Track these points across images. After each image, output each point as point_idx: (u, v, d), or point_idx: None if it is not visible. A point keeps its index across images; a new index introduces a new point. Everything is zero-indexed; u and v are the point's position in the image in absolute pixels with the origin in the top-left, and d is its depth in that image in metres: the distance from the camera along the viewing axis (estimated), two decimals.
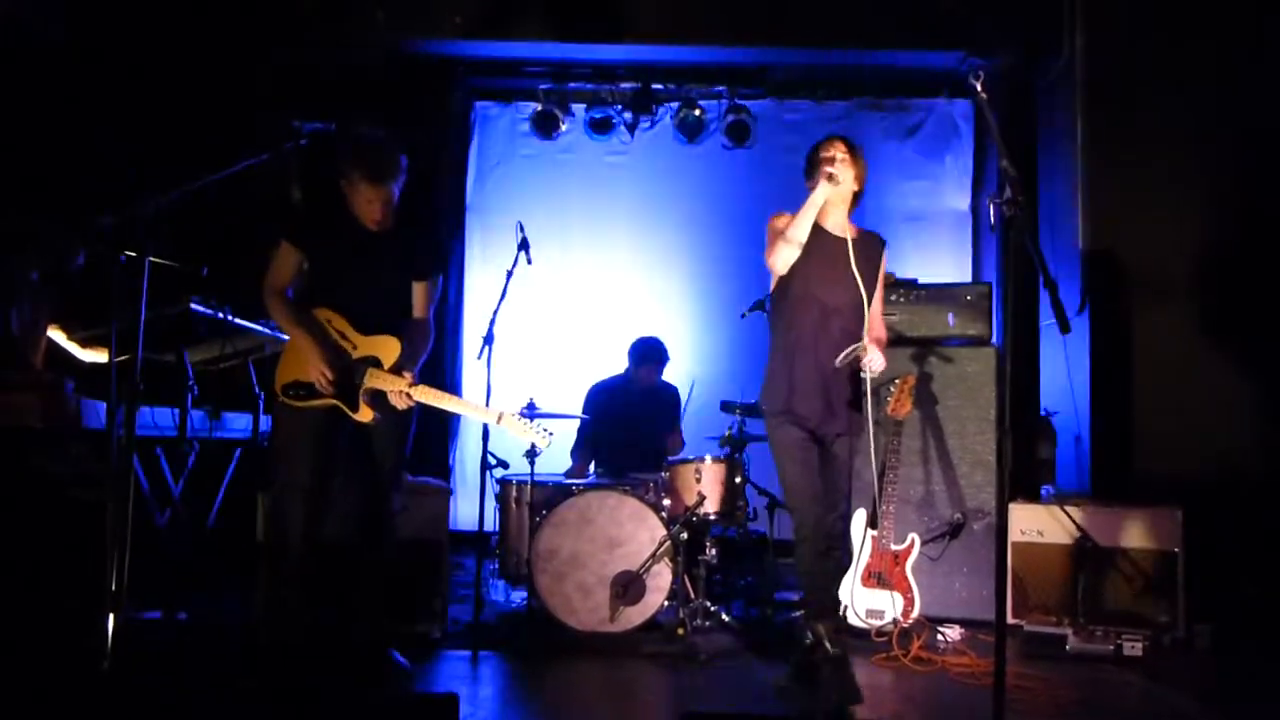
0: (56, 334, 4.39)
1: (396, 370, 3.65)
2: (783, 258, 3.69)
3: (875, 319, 3.85)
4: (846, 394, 3.78)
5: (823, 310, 3.74)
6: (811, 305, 3.74)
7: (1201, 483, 4.98)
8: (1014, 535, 4.59)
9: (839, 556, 3.89)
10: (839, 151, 3.76)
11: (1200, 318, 5.36)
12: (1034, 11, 5.86)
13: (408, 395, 3.62)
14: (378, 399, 3.65)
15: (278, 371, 3.68)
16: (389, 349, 3.68)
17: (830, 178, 3.67)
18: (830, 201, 3.74)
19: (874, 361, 3.70)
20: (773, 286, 3.87)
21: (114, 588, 2.96)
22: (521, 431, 3.79)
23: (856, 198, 3.84)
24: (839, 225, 3.81)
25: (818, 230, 3.72)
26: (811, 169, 3.81)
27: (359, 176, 3.57)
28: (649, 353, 5.70)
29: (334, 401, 3.61)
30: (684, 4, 5.99)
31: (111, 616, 2.98)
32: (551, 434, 3.86)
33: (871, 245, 3.88)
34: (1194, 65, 5.45)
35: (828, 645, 3.66)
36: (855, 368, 3.74)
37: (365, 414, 3.63)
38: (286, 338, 3.92)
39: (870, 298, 3.78)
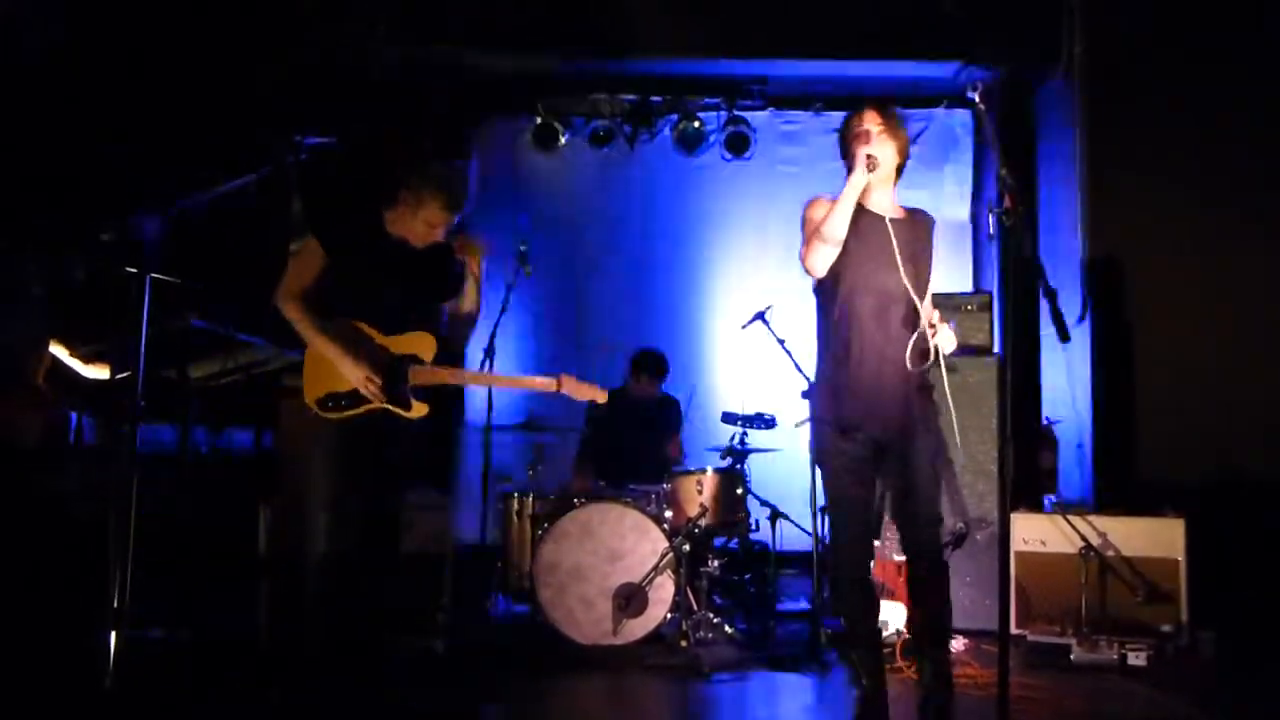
0: (59, 350, 4.40)
1: (440, 363, 3.63)
2: (821, 258, 3.28)
3: (929, 302, 3.46)
4: (914, 390, 3.35)
5: (880, 301, 3.31)
6: (867, 297, 3.30)
7: (1204, 489, 4.98)
8: (1017, 545, 4.58)
9: (936, 573, 3.36)
10: (874, 124, 3.31)
11: (1201, 324, 5.36)
12: (1032, 20, 5.87)
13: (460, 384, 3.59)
14: (424, 393, 3.62)
15: (306, 387, 3.55)
16: (426, 344, 3.61)
17: (870, 162, 3.23)
18: (872, 181, 3.31)
19: (945, 341, 3.34)
20: (815, 281, 3.43)
21: (116, 605, 2.95)
22: (583, 392, 3.78)
23: (900, 169, 3.40)
24: (885, 204, 3.40)
25: (862, 213, 3.32)
26: (846, 147, 3.38)
27: (436, 203, 3.51)
28: (647, 363, 5.69)
29: (381, 406, 3.52)
30: (682, 17, 6.00)
31: (114, 634, 2.97)
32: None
33: (922, 223, 3.47)
34: (1194, 71, 5.46)
35: (862, 681, 3.33)
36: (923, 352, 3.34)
37: (420, 409, 3.60)
38: (290, 352, 3.88)
39: (929, 280, 3.40)
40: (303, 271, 3.56)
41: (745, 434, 5.09)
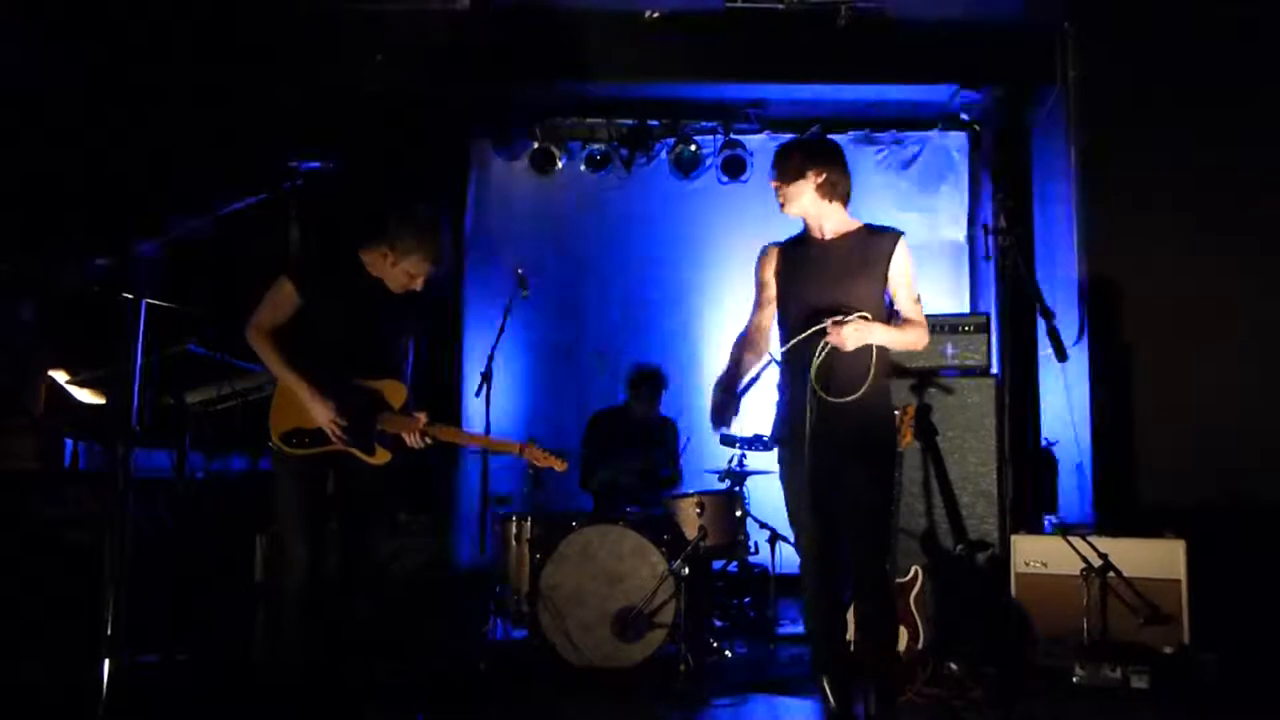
0: (59, 375, 4.39)
1: (406, 411, 3.62)
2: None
3: (908, 314, 3.40)
4: (850, 412, 3.28)
5: (808, 323, 3.31)
6: (798, 320, 3.36)
7: (1205, 509, 4.95)
8: (1018, 566, 4.56)
9: (877, 606, 3.40)
10: (773, 184, 3.44)
11: (1200, 344, 5.35)
12: (1026, 43, 5.90)
13: (425, 435, 3.59)
14: (389, 440, 3.62)
15: (272, 420, 3.55)
16: (395, 391, 3.63)
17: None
18: (812, 212, 3.41)
19: (835, 335, 3.24)
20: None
21: (110, 631, 2.93)
22: (543, 460, 3.77)
23: (844, 194, 3.42)
24: (833, 228, 3.43)
25: (808, 242, 3.44)
26: None
27: (419, 255, 3.52)
28: (644, 378, 5.72)
29: (344, 448, 3.54)
30: (678, 40, 6.04)
31: (107, 660, 2.95)
32: (582, 450, 3.85)
33: (875, 242, 3.42)
34: (1187, 91, 5.48)
35: (831, 702, 3.33)
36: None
37: (382, 456, 3.60)
38: None
39: (878, 298, 3.37)
40: (276, 309, 3.54)
41: (744, 456, 5.08)
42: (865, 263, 3.38)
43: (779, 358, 3.55)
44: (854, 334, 3.23)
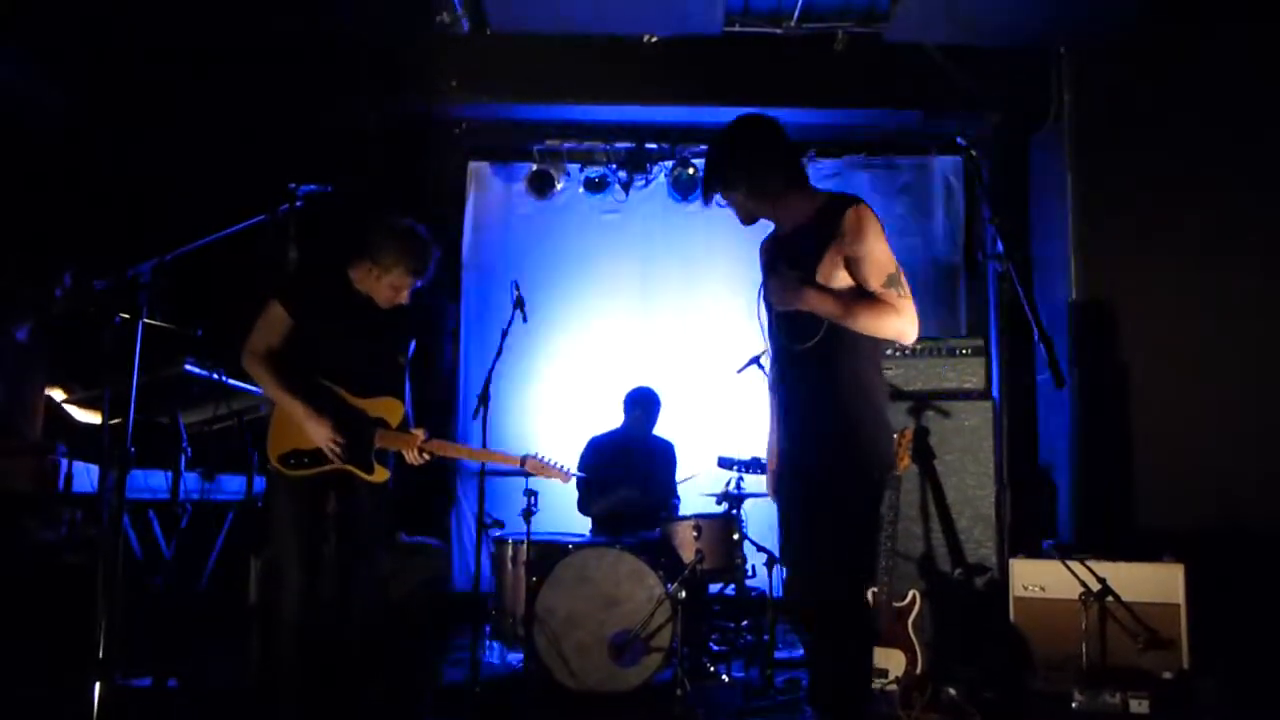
0: (56, 393, 4.38)
1: (404, 428, 3.63)
2: None
3: (878, 295, 2.94)
4: (816, 428, 3.00)
5: (778, 333, 3.09)
6: (772, 335, 3.13)
7: (1202, 533, 4.95)
8: (1016, 590, 4.54)
9: (816, 631, 3.03)
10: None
11: (1195, 367, 5.36)
12: (1023, 68, 5.94)
13: (424, 451, 3.61)
14: (388, 458, 3.62)
15: (270, 442, 3.58)
16: (393, 409, 3.65)
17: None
18: (765, 215, 3.18)
19: (773, 290, 3.00)
20: None
21: (101, 654, 2.91)
22: (546, 473, 3.79)
23: (783, 179, 3.12)
24: (791, 219, 3.16)
25: (776, 238, 3.23)
26: None
27: (402, 268, 3.57)
28: (636, 399, 5.75)
29: (342, 467, 3.55)
30: (677, 64, 6.07)
31: (98, 684, 2.93)
32: (578, 474, 3.87)
33: (823, 222, 3.00)
34: (1181, 116, 5.51)
35: None
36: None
37: (381, 474, 3.60)
38: None
39: (839, 284, 2.96)
40: (269, 332, 3.58)
41: (741, 479, 5.07)
42: (814, 247, 3.00)
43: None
44: (782, 286, 2.95)
